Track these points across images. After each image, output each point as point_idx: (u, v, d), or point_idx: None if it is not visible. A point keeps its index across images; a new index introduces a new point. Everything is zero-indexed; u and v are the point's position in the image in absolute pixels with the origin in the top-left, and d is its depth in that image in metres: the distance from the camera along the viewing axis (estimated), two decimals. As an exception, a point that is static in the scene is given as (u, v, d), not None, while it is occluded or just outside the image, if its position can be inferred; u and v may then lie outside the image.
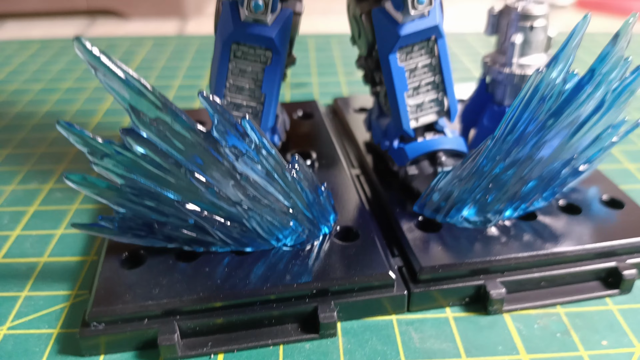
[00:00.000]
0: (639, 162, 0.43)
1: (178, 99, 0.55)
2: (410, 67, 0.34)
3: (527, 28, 0.36)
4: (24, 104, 0.54)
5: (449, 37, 0.71)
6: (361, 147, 0.41)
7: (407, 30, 0.32)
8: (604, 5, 0.84)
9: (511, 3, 0.37)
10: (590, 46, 0.70)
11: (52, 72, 0.62)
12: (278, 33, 0.33)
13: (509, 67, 0.36)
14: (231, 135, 0.27)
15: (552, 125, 0.30)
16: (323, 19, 0.79)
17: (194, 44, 0.70)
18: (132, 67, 0.63)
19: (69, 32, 0.77)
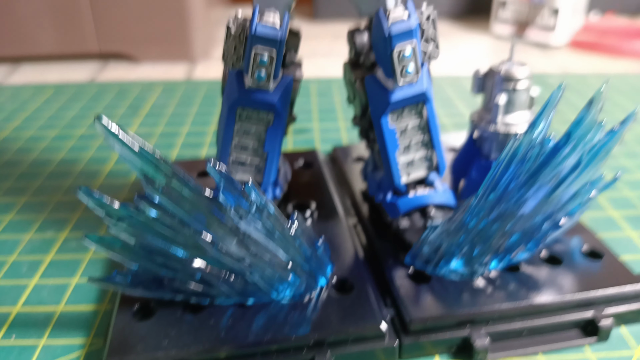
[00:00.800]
0: (623, 209, 0.46)
1: (186, 146, 0.57)
2: (401, 128, 0.36)
3: (510, 89, 0.38)
4: (39, 151, 0.57)
5: (445, 81, 0.75)
6: (358, 196, 0.44)
7: (397, 96, 0.35)
8: (596, 45, 0.87)
9: (495, 66, 0.39)
10: (582, 88, 0.73)
11: (66, 118, 0.65)
12: (279, 99, 0.36)
13: (494, 125, 0.39)
14: (235, 198, 0.29)
15: (532, 184, 0.33)
16: (325, 62, 0.83)
17: (201, 89, 0.73)
18: (142, 113, 0.66)
19: (82, 75, 0.81)
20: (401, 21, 0.32)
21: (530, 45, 0.91)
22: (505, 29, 0.92)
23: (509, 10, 0.90)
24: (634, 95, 0.70)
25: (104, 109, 0.67)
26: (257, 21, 0.33)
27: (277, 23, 0.33)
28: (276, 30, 0.33)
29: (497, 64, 0.40)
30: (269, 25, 0.33)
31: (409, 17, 0.32)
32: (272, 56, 0.33)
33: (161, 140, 0.59)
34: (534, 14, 0.88)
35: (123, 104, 0.69)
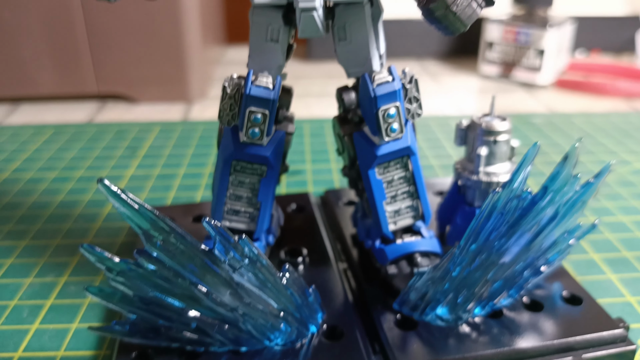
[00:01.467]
0: (604, 252, 0.47)
1: (182, 189, 0.59)
2: (388, 179, 0.38)
3: (491, 142, 0.40)
4: (39, 193, 0.59)
5: (433, 121, 0.77)
6: (348, 240, 0.45)
7: (383, 151, 0.37)
8: (581, 85, 0.90)
9: (477, 118, 0.42)
10: (567, 128, 0.75)
11: (66, 159, 0.67)
12: (272, 152, 0.38)
13: (476, 175, 0.41)
14: (230, 251, 0.31)
15: (512, 234, 0.35)
16: (318, 102, 0.85)
17: (198, 130, 0.75)
18: (140, 154, 0.68)
19: (81, 115, 0.83)
20: (385, 83, 0.34)
21: (517, 84, 0.94)
22: (493, 69, 0.95)
23: (496, 51, 0.93)
24: (617, 135, 0.72)
25: (102, 150, 0.69)
26: (251, 83, 0.35)
27: (270, 84, 0.35)
28: (269, 91, 0.35)
29: (478, 116, 0.42)
30: (263, 86, 0.35)
31: (393, 80, 0.34)
32: (266, 115, 0.35)
33: (158, 182, 0.61)
34: (520, 54, 0.91)
35: (121, 144, 0.71)
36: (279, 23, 0.35)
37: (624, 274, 0.45)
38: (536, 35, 0.88)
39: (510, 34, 0.91)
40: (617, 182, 0.60)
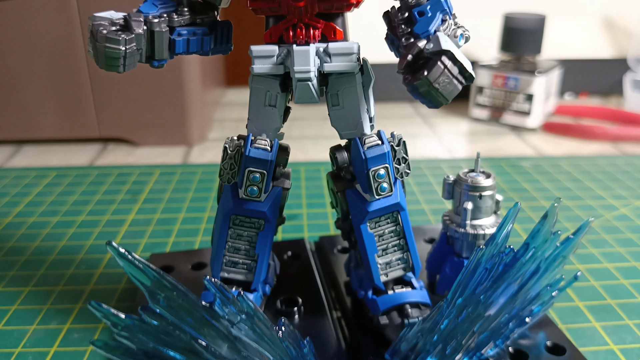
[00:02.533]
0: (588, 300, 0.49)
1: (182, 233, 0.61)
2: (379, 233, 0.40)
3: (476, 197, 0.43)
4: (42, 237, 0.61)
5: (425, 164, 0.79)
6: (342, 289, 0.47)
7: (374, 207, 0.39)
8: (569, 128, 0.93)
9: (463, 174, 0.44)
10: (554, 171, 0.78)
11: (68, 203, 0.69)
12: (269, 208, 0.40)
13: (463, 228, 0.43)
14: (228, 307, 0.33)
15: (497, 289, 0.37)
16: (314, 144, 0.88)
17: (197, 173, 0.78)
18: (141, 198, 0.70)
19: (83, 158, 0.85)
20: (375, 146, 0.37)
21: (507, 127, 0.97)
22: (483, 112, 0.98)
23: (486, 95, 0.96)
24: (603, 178, 0.74)
25: (104, 193, 0.71)
26: (250, 145, 0.37)
27: (268, 146, 0.37)
28: (267, 152, 0.37)
29: (464, 171, 0.44)
30: (261, 147, 0.37)
31: (382, 143, 0.37)
32: (264, 174, 0.38)
33: (159, 227, 0.62)
34: (510, 99, 0.94)
35: (122, 188, 0.73)
36: (276, 90, 0.38)
37: (608, 322, 0.46)
38: (525, 81, 0.92)
39: (499, 79, 0.94)
40: (603, 228, 0.62)
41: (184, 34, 0.37)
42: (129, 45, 0.34)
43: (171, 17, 0.36)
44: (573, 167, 0.79)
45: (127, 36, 0.34)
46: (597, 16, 1.09)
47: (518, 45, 0.94)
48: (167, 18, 0.36)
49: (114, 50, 0.34)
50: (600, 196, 0.70)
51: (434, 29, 0.33)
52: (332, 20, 0.36)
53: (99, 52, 0.34)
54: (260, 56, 0.36)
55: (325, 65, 0.36)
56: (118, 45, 0.34)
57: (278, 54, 0.36)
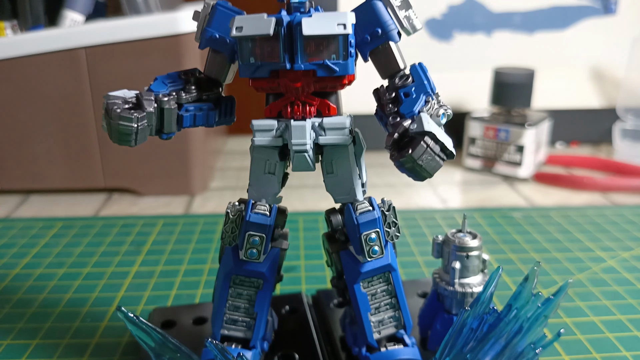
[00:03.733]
0: (574, 354, 0.51)
1: (184, 285, 0.63)
2: (372, 292, 0.43)
3: (464, 256, 0.45)
4: (49, 289, 0.63)
5: (419, 215, 0.82)
6: (338, 344, 0.49)
7: (367, 268, 0.41)
8: (559, 179, 0.96)
9: (451, 234, 0.47)
10: (544, 222, 0.80)
11: (74, 254, 0.71)
12: (268, 268, 0.42)
13: (452, 286, 0.46)
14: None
15: (482, 348, 0.39)
16: (312, 194, 0.90)
17: (199, 223, 0.80)
18: (144, 250, 0.72)
19: (88, 208, 0.88)
20: (367, 212, 0.39)
21: (499, 177, 1.00)
22: (476, 162, 1.01)
23: (478, 146, 1.00)
24: (592, 229, 0.77)
25: (108, 245, 0.74)
26: (250, 210, 0.40)
27: (267, 211, 0.40)
28: (266, 217, 0.40)
29: (452, 232, 0.47)
30: (261, 213, 0.40)
31: (373, 209, 0.40)
32: (263, 237, 0.40)
33: (161, 279, 0.65)
34: (501, 150, 0.97)
35: (126, 239, 0.75)
36: (275, 159, 0.41)
37: (593, 376, 0.48)
38: (515, 133, 0.95)
39: (490, 131, 0.98)
40: (590, 280, 0.64)
41: (191, 109, 0.40)
42: (141, 122, 0.37)
43: (179, 95, 0.39)
44: (563, 218, 0.81)
45: (139, 114, 0.37)
46: (586, 67, 1.14)
47: (508, 98, 0.97)
48: (175, 96, 0.39)
49: (126, 127, 0.37)
50: (589, 248, 0.72)
51: (418, 109, 0.36)
52: (327, 98, 0.40)
53: (113, 129, 0.37)
54: (261, 130, 0.40)
55: (320, 138, 0.39)
56: (130, 122, 0.37)
57: (277, 128, 0.39)
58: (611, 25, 1.12)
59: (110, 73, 0.84)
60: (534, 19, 1.11)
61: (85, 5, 0.88)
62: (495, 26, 1.11)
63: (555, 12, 1.11)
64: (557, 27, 1.12)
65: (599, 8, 1.12)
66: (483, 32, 1.11)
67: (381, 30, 0.38)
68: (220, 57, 0.41)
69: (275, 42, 0.37)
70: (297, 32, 0.36)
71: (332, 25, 0.36)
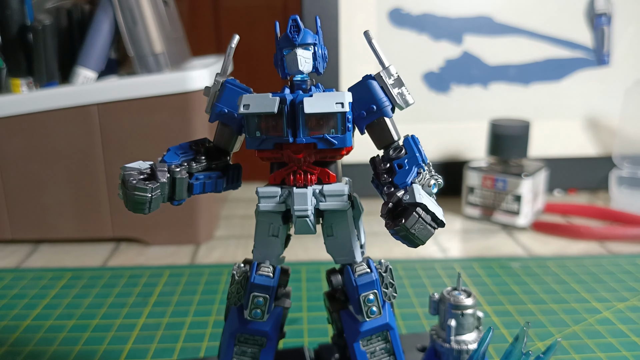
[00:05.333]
0: (570, 408, 0.52)
1: (189, 338, 0.65)
2: (371, 350, 0.45)
3: (459, 314, 0.47)
4: (59, 341, 0.65)
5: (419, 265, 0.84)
6: (339, 398, 0.51)
7: (365, 327, 0.44)
8: (556, 228, 0.98)
9: (446, 292, 0.49)
10: (541, 272, 0.82)
11: (83, 305, 0.73)
12: (271, 327, 0.44)
13: (448, 343, 0.47)
14: None
15: (476, 405, 0.41)
16: (315, 243, 0.93)
17: (204, 274, 0.82)
18: (151, 301, 0.74)
19: (97, 258, 0.90)
20: (365, 274, 0.42)
21: (498, 225, 1.02)
22: (475, 211, 1.04)
23: (477, 195, 1.02)
24: (588, 279, 0.79)
25: (116, 296, 0.76)
26: (255, 272, 0.43)
27: (271, 273, 0.43)
28: (270, 279, 0.42)
29: (448, 290, 0.49)
30: (264, 274, 0.42)
31: (371, 271, 0.42)
32: (267, 298, 0.42)
33: (167, 332, 0.66)
34: (499, 199, 1.00)
35: (134, 291, 0.77)
36: (278, 223, 0.43)
37: None
38: (512, 183, 0.98)
39: (488, 181, 1.01)
40: (585, 332, 0.65)
41: (201, 178, 0.43)
42: (155, 192, 0.40)
43: (190, 165, 0.42)
44: (560, 268, 0.83)
45: (153, 185, 0.40)
46: (581, 116, 1.17)
47: (505, 149, 1.00)
48: (187, 166, 0.42)
49: (141, 197, 0.40)
50: (584, 299, 0.74)
51: (410, 180, 0.39)
52: (326, 167, 0.42)
53: (128, 198, 0.40)
54: (266, 196, 0.42)
55: (320, 204, 0.42)
56: (145, 192, 0.40)
57: (280, 195, 0.42)
58: (605, 75, 1.16)
59: (121, 128, 0.88)
60: (529, 71, 1.15)
61: (97, 63, 0.93)
62: (491, 78, 1.15)
63: (549, 64, 1.15)
64: (552, 78, 1.16)
65: (592, 60, 1.16)
66: (479, 84, 1.15)
67: (376, 107, 0.41)
68: (228, 130, 0.44)
69: (279, 118, 0.40)
70: (299, 110, 0.39)
71: (331, 103, 0.39)
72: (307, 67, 0.42)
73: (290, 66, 0.41)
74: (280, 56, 0.42)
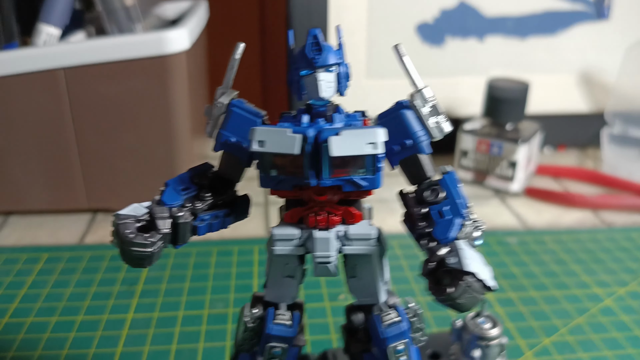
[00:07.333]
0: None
1: (183, 338, 0.61)
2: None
3: (484, 346, 0.45)
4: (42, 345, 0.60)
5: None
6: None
7: (389, 373, 0.40)
8: (550, 195, 0.96)
9: (470, 319, 0.46)
10: (538, 249, 0.80)
11: (64, 297, 0.68)
12: (287, 370, 0.41)
13: (471, 373, 0.45)
14: None
15: None
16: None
17: (191, 254, 0.78)
18: (138, 289, 0.70)
19: (73, 233, 0.84)
20: (394, 325, 0.38)
21: (491, 190, 0.99)
22: (467, 175, 1.01)
23: (470, 159, 0.99)
24: (586, 258, 0.78)
25: (99, 285, 0.71)
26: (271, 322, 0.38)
27: (288, 321, 0.39)
28: (289, 329, 0.38)
29: (471, 316, 0.46)
30: (282, 324, 0.38)
31: (402, 320, 0.38)
32: (285, 349, 0.39)
33: (159, 330, 0.63)
34: (493, 164, 0.97)
35: (117, 277, 0.72)
36: (295, 263, 0.39)
37: None
38: (509, 149, 0.94)
39: (483, 145, 0.97)
40: (590, 325, 0.65)
41: (207, 219, 0.38)
42: (157, 246, 0.35)
43: (195, 205, 0.37)
44: (557, 245, 0.82)
45: (155, 238, 0.35)
46: (577, 71, 1.13)
47: (501, 113, 0.96)
48: (191, 207, 0.37)
49: (142, 253, 0.34)
50: (585, 283, 0.73)
51: (454, 235, 0.34)
52: (351, 205, 0.37)
53: (127, 254, 0.35)
54: (282, 239, 0.37)
55: (345, 248, 0.37)
56: (146, 248, 0.34)
57: (299, 237, 0.37)
58: (603, 30, 1.11)
59: (91, 95, 0.80)
60: (527, 24, 1.09)
61: (61, 17, 0.82)
62: (488, 30, 1.08)
63: (548, 17, 1.09)
64: (549, 31, 1.10)
65: (591, 13, 1.10)
66: (475, 37, 1.08)
67: (411, 142, 0.36)
68: (235, 160, 0.38)
69: (300, 158, 0.34)
70: (323, 150, 0.34)
71: (361, 144, 0.34)
72: (330, 93, 0.36)
73: (310, 91, 0.35)
74: (296, 78, 0.36)
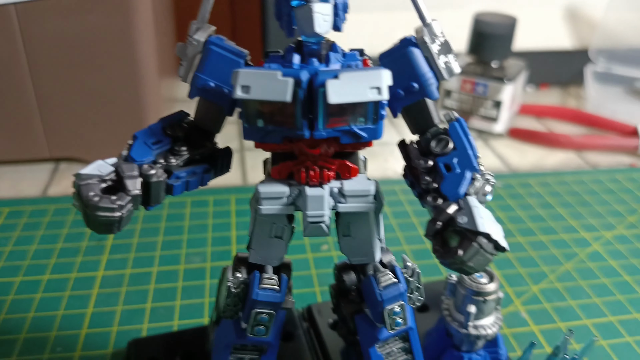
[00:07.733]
0: None
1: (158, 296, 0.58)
2: (387, 351, 0.39)
3: (480, 301, 0.42)
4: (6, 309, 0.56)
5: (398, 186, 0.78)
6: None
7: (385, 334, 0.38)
8: (533, 135, 0.94)
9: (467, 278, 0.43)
10: (524, 192, 0.78)
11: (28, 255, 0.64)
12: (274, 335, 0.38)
13: (465, 329, 0.43)
14: None
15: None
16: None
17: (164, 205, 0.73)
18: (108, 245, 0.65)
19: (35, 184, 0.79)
20: (392, 286, 0.35)
21: (474, 131, 0.96)
22: (451, 116, 0.97)
23: (454, 99, 0.95)
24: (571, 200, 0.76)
25: (65, 240, 0.66)
26: (257, 286, 0.35)
27: (276, 286, 0.35)
28: (276, 294, 0.35)
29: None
30: (269, 288, 0.35)
31: (399, 282, 0.35)
32: (272, 314, 0.35)
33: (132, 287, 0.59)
34: (478, 104, 0.93)
35: (85, 231, 0.68)
36: (283, 222, 0.35)
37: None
38: (494, 88, 0.91)
39: (468, 85, 0.93)
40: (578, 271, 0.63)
41: (183, 176, 0.33)
42: (125, 209, 0.30)
43: (168, 161, 0.32)
44: (542, 187, 0.80)
45: (123, 201, 0.30)
46: (563, 5, 1.09)
47: (487, 50, 0.92)
48: (164, 163, 0.32)
49: (109, 218, 0.30)
50: (572, 227, 0.71)
51: (464, 191, 0.31)
52: (347, 158, 0.33)
53: (91, 219, 0.30)
54: (270, 197, 0.33)
55: (339, 205, 0.34)
56: (113, 212, 0.30)
57: (289, 195, 0.33)
58: (592, -39, 1.06)
59: (46, 33, 0.72)
60: (513, -46, 1.03)
61: (6, -56, 0.74)
62: (472, -39, 1.02)
63: (535, -54, 1.03)
64: (535, -38, 1.05)
65: (580, -58, 1.04)
66: (459, -32, 1.02)
67: (418, 86, 0.32)
68: (214, 108, 0.34)
69: (291, 105, 0.30)
70: (319, 96, 0.29)
71: (363, 89, 0.29)
72: (326, 27, 0.30)
73: (303, 26, 0.30)
74: (286, 10, 0.31)
